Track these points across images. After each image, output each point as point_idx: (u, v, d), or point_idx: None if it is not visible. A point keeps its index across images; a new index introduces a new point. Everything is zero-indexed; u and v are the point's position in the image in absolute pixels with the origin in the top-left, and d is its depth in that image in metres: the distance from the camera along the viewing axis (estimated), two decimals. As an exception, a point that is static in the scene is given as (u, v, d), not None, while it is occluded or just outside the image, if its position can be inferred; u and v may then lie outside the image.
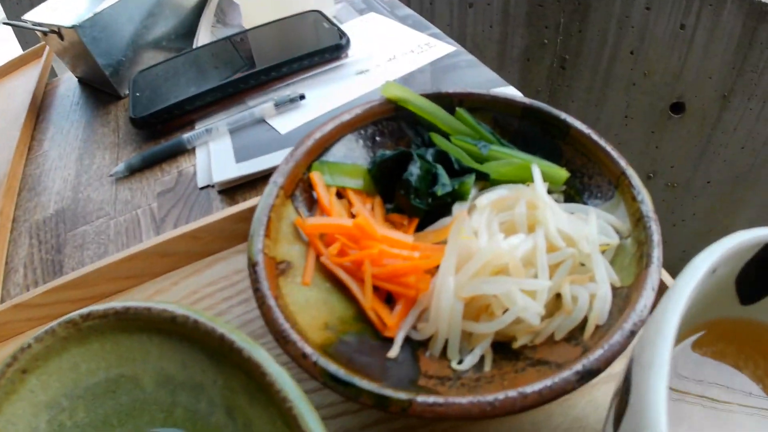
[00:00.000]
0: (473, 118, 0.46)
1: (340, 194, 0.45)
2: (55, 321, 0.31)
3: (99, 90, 0.84)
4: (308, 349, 0.33)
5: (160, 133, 0.69)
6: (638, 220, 0.38)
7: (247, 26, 0.76)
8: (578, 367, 0.31)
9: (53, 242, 0.62)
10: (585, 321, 0.35)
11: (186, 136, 0.63)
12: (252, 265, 0.37)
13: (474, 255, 0.35)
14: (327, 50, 0.65)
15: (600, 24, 1.08)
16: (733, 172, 1.15)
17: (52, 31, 0.74)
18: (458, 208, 0.41)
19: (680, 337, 0.31)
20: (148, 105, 0.67)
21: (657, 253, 0.35)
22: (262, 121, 0.62)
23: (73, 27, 0.70)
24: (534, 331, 0.35)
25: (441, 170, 0.42)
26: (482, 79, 0.61)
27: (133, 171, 0.65)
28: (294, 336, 0.34)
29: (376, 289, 0.39)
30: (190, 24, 0.80)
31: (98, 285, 0.50)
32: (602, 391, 0.38)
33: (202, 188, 0.60)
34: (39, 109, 0.86)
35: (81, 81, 0.87)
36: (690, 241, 1.29)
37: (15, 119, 0.81)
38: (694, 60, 1.06)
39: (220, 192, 0.59)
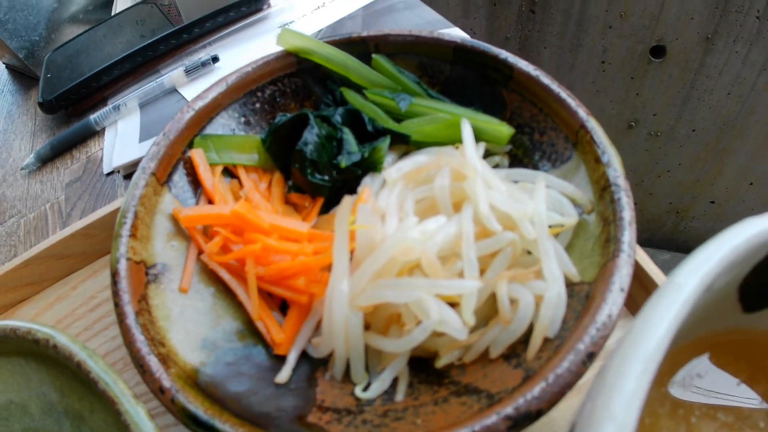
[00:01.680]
0: (394, 66, 0.34)
1: (234, 173, 0.34)
2: None
3: (23, 74, 0.72)
4: (167, 382, 0.25)
5: (72, 115, 0.58)
6: (603, 189, 0.27)
7: (170, -14, 0.63)
8: (509, 410, 0.20)
9: (-30, 247, 0.52)
10: (531, 330, 0.24)
11: (94, 116, 0.52)
12: (112, 275, 0.28)
13: (375, 249, 0.24)
14: (243, 2, 0.52)
15: (571, -35, 0.94)
16: (719, 120, 1.03)
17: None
18: (367, 183, 0.30)
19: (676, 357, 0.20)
20: (57, 86, 0.56)
21: (627, 237, 0.24)
22: (173, 91, 0.51)
23: (-27, 10, 0.58)
24: (462, 346, 0.24)
25: (348, 134, 0.31)
26: (422, 22, 0.48)
27: (44, 161, 0.54)
28: (152, 364, 0.25)
29: (270, 295, 0.29)
30: (108, -9, 0.68)
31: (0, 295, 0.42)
32: (561, 409, 0.28)
33: (108, 174, 0.49)
34: (-36, 99, 0.75)
35: (7, 67, 0.75)
36: (676, 192, 1.17)
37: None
38: None
39: (127, 177, 0.48)
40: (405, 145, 0.32)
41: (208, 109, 0.34)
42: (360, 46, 0.35)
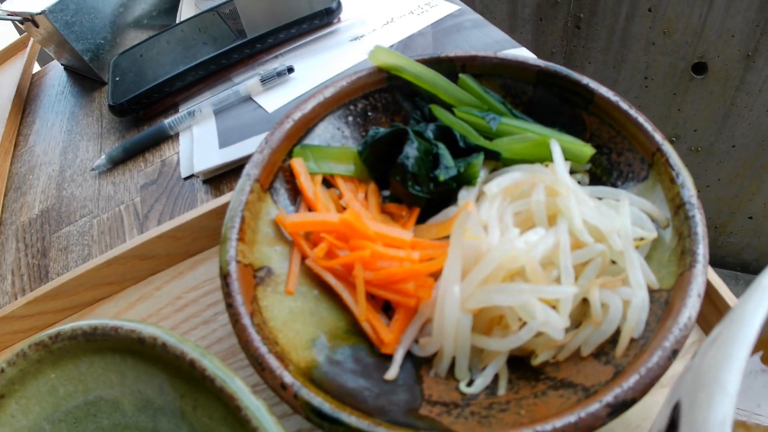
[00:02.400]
0: (480, 86, 0.38)
1: (330, 183, 0.37)
2: (25, 342, 0.29)
3: (84, 77, 0.77)
4: (288, 378, 0.27)
5: (143, 119, 0.62)
6: (678, 207, 0.30)
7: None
8: (609, 398, 0.24)
9: (39, 246, 0.56)
10: (617, 332, 0.28)
11: (168, 121, 0.56)
12: (224, 277, 0.31)
13: (483, 257, 0.28)
14: (316, 16, 0.56)
15: (615, -20, 0.97)
16: (758, 136, 1.05)
17: (26, 20, 0.67)
18: (465, 196, 0.33)
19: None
20: (127, 90, 0.60)
21: (702, 250, 0.27)
22: (248, 99, 0.55)
23: (42, 13, 0.62)
24: (557, 345, 0.28)
25: (443, 150, 0.35)
26: (490, 41, 0.52)
27: (116, 163, 0.58)
28: (272, 361, 0.27)
29: (373, 297, 0.32)
30: (172, -2, 0.72)
31: (79, 293, 0.45)
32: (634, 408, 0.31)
33: (186, 178, 0.53)
34: (25, 102, 0.80)
35: (66, 69, 0.80)
36: (715, 208, 1.20)
37: (1, 116, 0.74)
38: (716, 17, 0.95)
39: (206, 182, 0.52)
40: (494, 161, 0.35)
41: (306, 120, 0.37)
42: (447, 66, 0.38)
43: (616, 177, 0.35)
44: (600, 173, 0.36)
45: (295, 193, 0.37)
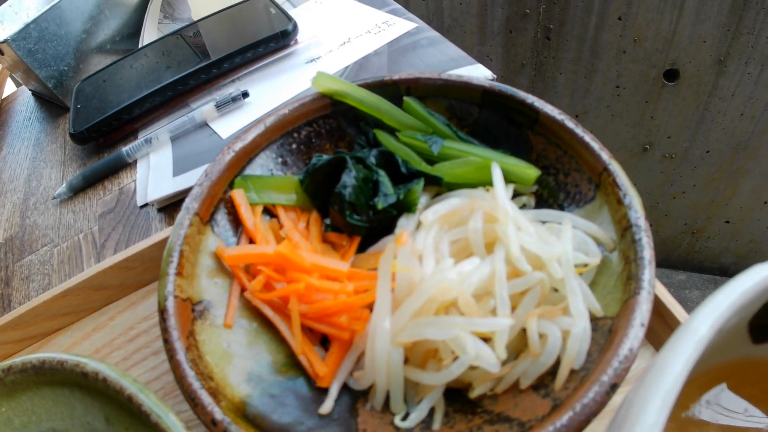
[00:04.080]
0: (424, 109, 0.37)
1: (273, 213, 0.36)
2: None
3: (51, 102, 0.76)
4: (218, 415, 0.27)
5: (103, 146, 0.61)
6: (625, 229, 0.29)
7: (196, 18, 0.66)
8: (542, 438, 0.22)
9: (2, 274, 0.55)
10: (558, 363, 0.27)
11: (126, 149, 0.55)
12: (161, 312, 0.30)
13: (415, 289, 0.27)
14: (272, 38, 0.55)
15: (584, -10, 0.97)
16: (732, 140, 1.05)
17: (-8, 47, 0.66)
18: (403, 224, 0.32)
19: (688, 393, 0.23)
20: (88, 117, 0.59)
21: (648, 275, 0.26)
22: (204, 125, 0.54)
23: (5, 41, 0.61)
24: (494, 377, 0.27)
25: (383, 177, 0.34)
26: (445, 58, 0.51)
27: (76, 191, 0.57)
28: (204, 397, 0.27)
29: (311, 330, 0.31)
30: (135, 23, 0.71)
31: (36, 324, 0.44)
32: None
33: (141, 206, 0.52)
34: (-7, 127, 0.78)
35: (34, 94, 0.79)
36: (692, 214, 1.19)
37: (-32, 142, 0.73)
38: (687, 23, 0.95)
39: (160, 210, 0.50)
40: (437, 186, 0.34)
41: (247, 150, 0.36)
42: (392, 89, 0.38)
43: (563, 198, 0.34)
44: (547, 195, 0.35)
45: (237, 224, 0.36)
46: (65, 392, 0.30)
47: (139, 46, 0.69)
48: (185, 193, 0.48)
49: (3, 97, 0.85)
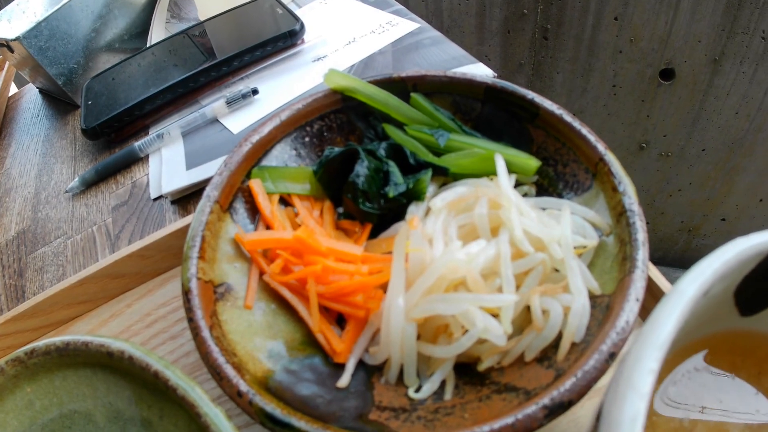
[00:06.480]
0: (430, 104, 0.40)
1: (287, 201, 0.39)
2: (2, 359, 0.31)
3: (58, 100, 0.78)
4: (243, 387, 0.28)
5: (114, 142, 0.63)
6: (620, 214, 0.32)
7: (203, 18, 0.69)
8: (546, 400, 0.25)
9: (15, 266, 0.57)
10: (560, 337, 0.29)
11: (138, 143, 0.57)
12: (185, 293, 0.32)
13: (426, 269, 0.29)
14: (280, 38, 0.58)
15: (581, -9, 1.00)
16: (727, 139, 1.08)
17: (1, 45, 0.68)
18: (413, 211, 0.35)
19: (677, 357, 0.25)
20: (99, 113, 0.61)
21: (641, 255, 0.29)
22: (215, 121, 0.56)
23: (17, 39, 0.63)
24: (501, 351, 0.29)
25: (393, 167, 0.36)
26: (447, 57, 0.54)
27: (89, 185, 0.59)
28: (229, 371, 0.29)
29: (326, 309, 0.34)
30: (143, 23, 0.73)
31: (54, 312, 0.46)
32: (586, 408, 0.33)
33: (155, 199, 0.54)
34: (1, 125, 0.81)
35: (41, 92, 0.81)
36: (688, 211, 1.22)
37: (-24, 139, 0.75)
38: (682, 23, 0.98)
39: (174, 202, 0.53)
40: (443, 176, 0.37)
41: (263, 142, 0.39)
42: (399, 86, 0.40)
43: (562, 187, 0.37)
44: (547, 184, 0.37)
45: (254, 212, 0.38)
46: (87, 373, 0.31)
47: (147, 45, 0.71)
48: (198, 185, 0.51)
49: (10, 95, 0.88)
